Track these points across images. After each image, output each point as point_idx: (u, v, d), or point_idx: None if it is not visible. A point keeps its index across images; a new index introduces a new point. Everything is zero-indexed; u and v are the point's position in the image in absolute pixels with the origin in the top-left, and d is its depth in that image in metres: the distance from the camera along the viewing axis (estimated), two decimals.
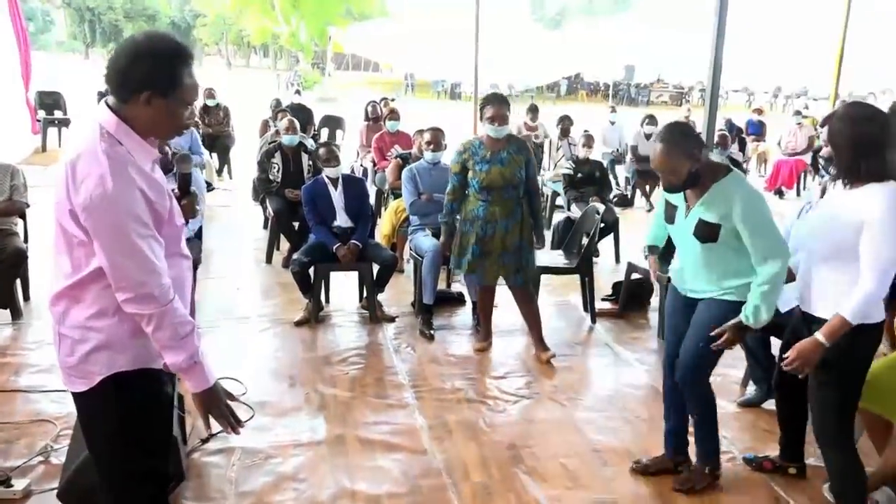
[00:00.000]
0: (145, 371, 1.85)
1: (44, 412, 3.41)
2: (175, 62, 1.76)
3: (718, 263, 2.69)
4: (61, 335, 1.83)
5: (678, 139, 2.61)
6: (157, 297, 1.73)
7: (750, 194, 2.58)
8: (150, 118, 1.77)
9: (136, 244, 1.71)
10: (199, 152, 7.47)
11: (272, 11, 35.76)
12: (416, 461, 3.13)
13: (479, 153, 4.08)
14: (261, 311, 4.98)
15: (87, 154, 1.70)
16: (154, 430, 1.94)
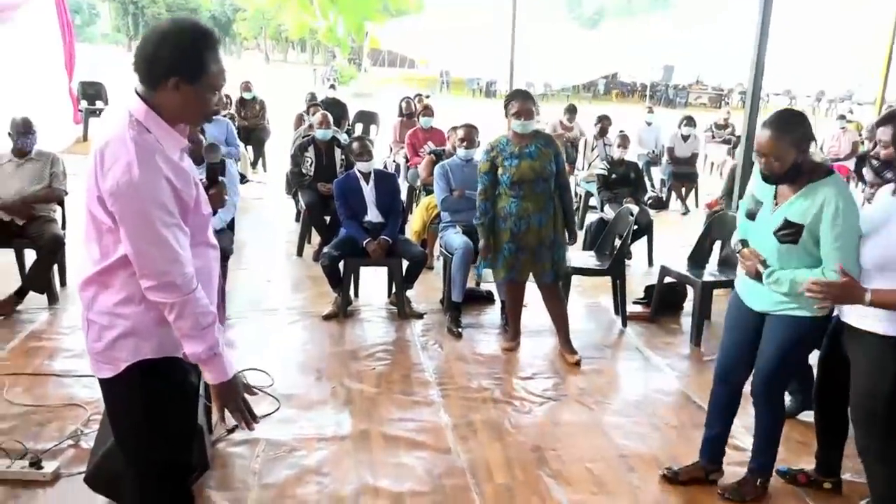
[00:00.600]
0: (170, 359, 1.85)
1: (75, 396, 3.47)
2: (201, 48, 1.75)
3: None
4: (89, 321, 1.84)
5: (791, 125, 2.47)
6: (179, 285, 1.73)
7: (846, 201, 2.41)
8: (179, 104, 1.77)
9: (161, 232, 1.71)
10: (235, 144, 7.54)
11: (310, 6, 36.07)
12: (440, 460, 3.11)
13: (507, 149, 4.04)
14: (290, 303, 5.00)
15: (115, 141, 1.71)
16: (178, 419, 1.94)
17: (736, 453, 3.24)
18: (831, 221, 2.40)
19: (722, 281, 4.61)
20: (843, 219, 2.39)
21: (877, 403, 2.43)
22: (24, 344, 4.08)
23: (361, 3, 35.36)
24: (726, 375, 2.89)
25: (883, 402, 2.41)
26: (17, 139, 4.61)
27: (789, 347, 2.62)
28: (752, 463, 2.89)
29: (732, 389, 2.89)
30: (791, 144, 2.44)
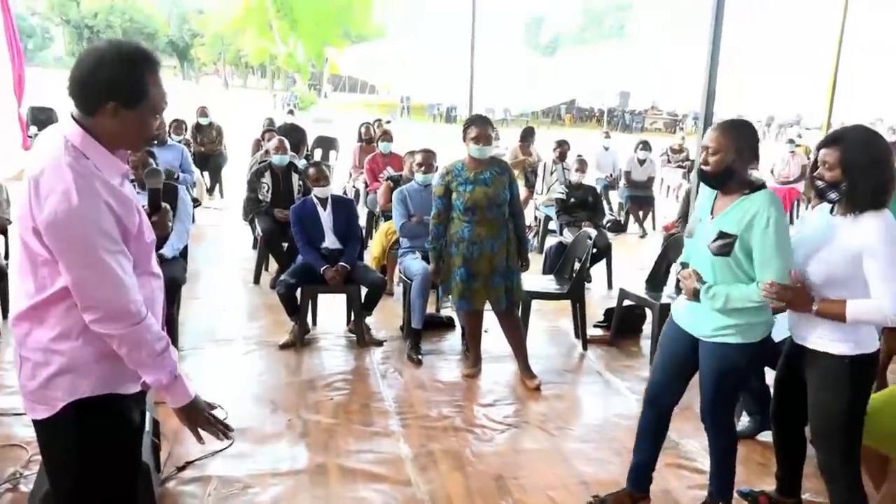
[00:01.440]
0: (111, 396, 1.76)
1: (15, 436, 3.30)
2: (141, 70, 1.69)
3: None
4: (23, 358, 1.74)
5: (738, 128, 2.52)
6: (127, 315, 1.66)
7: (778, 214, 2.44)
8: (118, 130, 1.70)
9: (104, 260, 1.63)
10: (190, 171, 7.40)
11: (270, 32, 36.06)
12: (400, 492, 3.03)
13: (462, 175, 4.04)
14: (246, 332, 4.88)
15: (50, 168, 1.63)
16: (119, 460, 1.85)
17: (697, 476, 3.25)
18: (762, 232, 2.41)
19: None
20: (774, 230, 2.40)
21: (834, 423, 2.46)
22: None
23: (322, 29, 35.51)
24: (655, 398, 2.86)
25: (840, 421, 2.44)
26: None
27: (724, 374, 2.61)
28: (711, 486, 2.88)
29: (660, 413, 2.86)
30: (731, 143, 2.47)
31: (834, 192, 2.38)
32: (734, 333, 2.54)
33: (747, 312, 2.51)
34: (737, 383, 2.71)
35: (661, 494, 3.08)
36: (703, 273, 2.58)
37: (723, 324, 2.54)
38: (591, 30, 53.05)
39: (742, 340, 2.54)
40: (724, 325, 2.54)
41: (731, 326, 2.53)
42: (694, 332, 2.67)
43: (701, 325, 2.62)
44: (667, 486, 3.16)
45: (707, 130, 2.58)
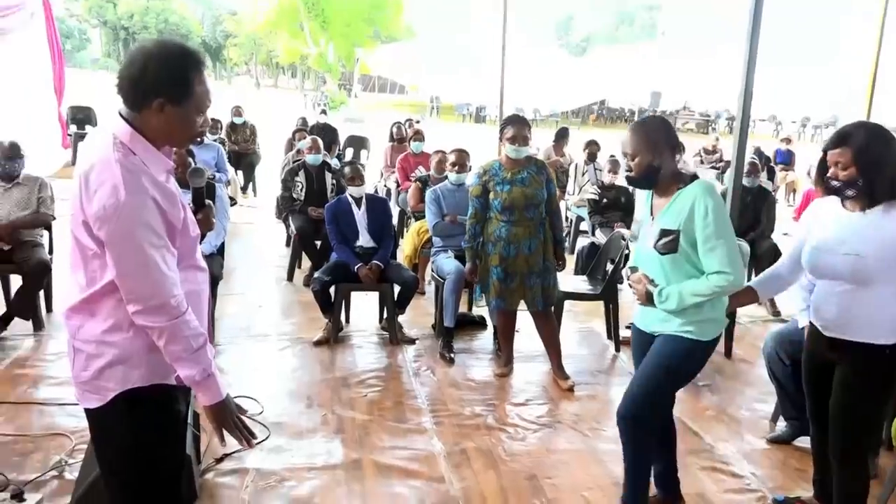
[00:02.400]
0: (160, 387, 1.80)
1: (59, 426, 3.39)
2: (187, 68, 1.73)
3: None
4: (76, 349, 1.79)
5: (650, 129, 2.51)
6: (168, 309, 1.69)
7: (715, 201, 2.40)
8: (163, 126, 1.74)
9: (149, 254, 1.67)
10: (225, 169, 7.51)
11: (301, 33, 36.37)
12: (434, 489, 3.05)
13: (500, 174, 4.05)
14: (280, 329, 4.94)
15: (100, 164, 1.68)
16: (167, 449, 1.89)
17: (732, 480, 3.21)
18: (702, 221, 2.38)
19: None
20: (714, 217, 2.37)
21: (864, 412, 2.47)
22: (7, 371, 4.00)
23: (352, 30, 35.72)
24: None
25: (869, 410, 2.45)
26: (4, 163, 4.56)
27: (668, 367, 2.53)
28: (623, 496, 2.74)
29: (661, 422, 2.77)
30: (647, 145, 2.45)
31: (851, 190, 2.38)
32: (690, 331, 2.49)
33: (703, 308, 2.47)
34: (676, 379, 2.62)
35: (696, 498, 3.05)
36: (653, 274, 2.53)
37: (678, 323, 2.50)
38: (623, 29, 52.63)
39: (697, 337, 2.50)
40: (679, 324, 2.50)
41: (687, 324, 2.49)
42: (649, 329, 2.63)
43: (658, 322, 2.57)
44: (702, 489, 3.13)
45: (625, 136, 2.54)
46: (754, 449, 3.51)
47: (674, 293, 2.45)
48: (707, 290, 2.40)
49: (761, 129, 27.79)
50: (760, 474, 3.26)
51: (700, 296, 2.42)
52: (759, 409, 3.95)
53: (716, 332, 2.55)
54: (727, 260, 2.38)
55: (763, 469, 3.31)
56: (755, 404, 4.03)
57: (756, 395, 4.15)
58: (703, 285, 2.41)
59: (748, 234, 5.63)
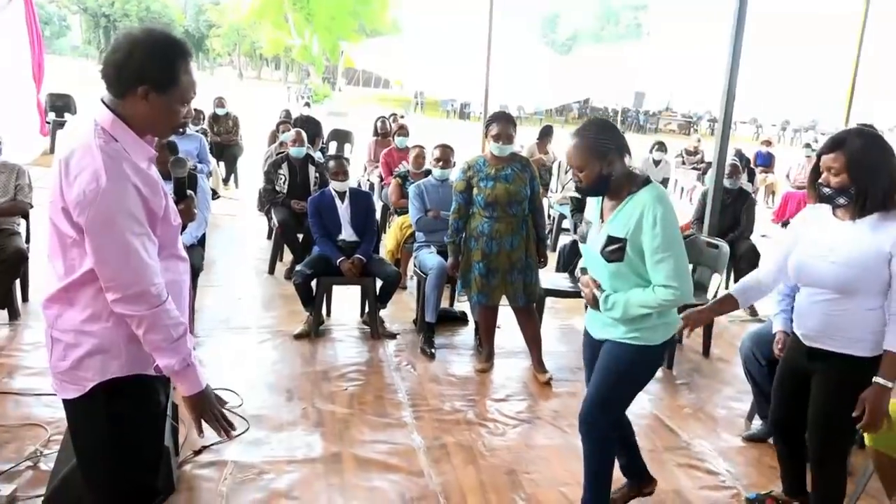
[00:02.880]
0: (139, 378, 1.79)
1: (35, 416, 3.35)
2: (173, 57, 1.72)
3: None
4: (54, 339, 1.78)
5: (594, 136, 2.38)
6: (148, 297, 1.68)
7: (664, 210, 2.31)
8: (147, 114, 1.73)
9: (129, 242, 1.66)
10: (207, 160, 7.45)
11: (286, 24, 36.11)
12: (413, 483, 3.05)
13: (484, 170, 4.06)
14: (261, 322, 4.92)
15: (80, 149, 1.66)
16: (145, 440, 1.88)
17: (709, 476, 3.26)
18: (651, 231, 2.30)
19: (694, 304, 4.64)
20: (662, 227, 2.29)
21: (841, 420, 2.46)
22: None
23: (337, 23, 35.52)
24: None
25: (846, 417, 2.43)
26: None
27: (617, 375, 2.49)
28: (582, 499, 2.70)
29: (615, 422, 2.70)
30: (593, 155, 2.35)
31: (843, 198, 2.34)
32: (636, 335, 2.44)
33: (651, 315, 2.41)
34: (629, 387, 2.55)
35: (672, 494, 3.10)
36: (600, 279, 2.47)
37: (626, 328, 2.45)
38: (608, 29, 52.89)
39: (644, 342, 2.44)
40: (627, 328, 2.45)
41: (635, 329, 2.44)
42: (598, 335, 2.59)
43: (608, 328, 2.52)
44: (678, 485, 3.17)
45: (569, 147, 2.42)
46: (730, 446, 3.56)
47: (620, 302, 2.38)
48: (653, 303, 2.34)
49: (742, 132, 28.08)
50: (735, 471, 3.31)
51: (646, 307, 2.36)
52: (736, 408, 4.00)
53: (666, 335, 2.48)
54: (674, 273, 2.30)
55: (738, 466, 3.36)
56: (731, 402, 4.08)
57: (733, 393, 4.20)
58: (649, 297, 2.34)
59: (728, 234, 5.70)
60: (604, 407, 2.54)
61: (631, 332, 2.45)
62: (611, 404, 2.56)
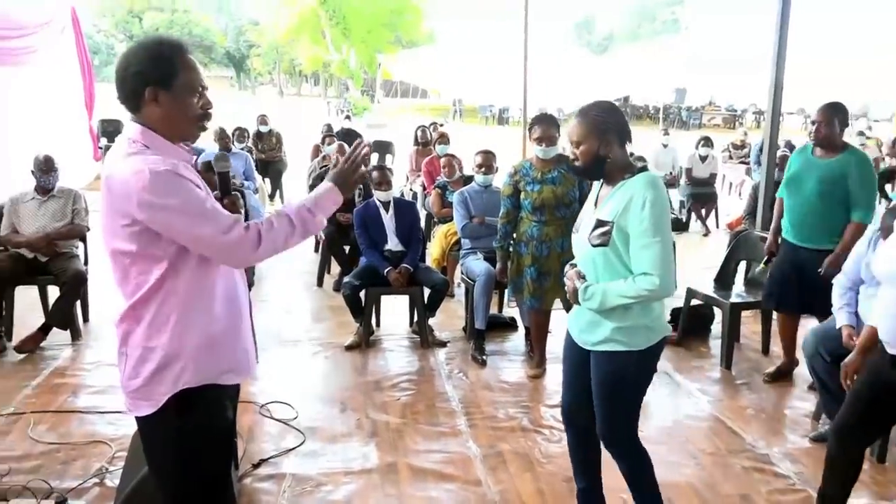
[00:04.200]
0: (211, 387, 1.82)
1: (99, 433, 3.44)
2: (167, 53, 1.76)
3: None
4: (126, 355, 1.80)
5: (596, 113, 2.31)
6: (245, 239, 1.72)
7: (656, 194, 2.19)
8: (164, 115, 1.76)
9: (196, 204, 1.69)
10: (253, 177, 7.59)
11: (323, 40, 36.65)
12: (470, 492, 3.03)
13: (530, 174, 4.03)
14: (311, 334, 4.96)
15: (119, 165, 1.71)
16: (218, 451, 1.91)
17: (777, 480, 3.15)
18: (639, 214, 2.18)
19: (750, 302, 4.53)
20: (651, 212, 2.16)
21: None
22: (48, 381, 4.07)
23: (373, 36, 35.90)
24: (570, 417, 2.63)
25: None
26: (39, 177, 4.65)
27: (611, 386, 2.37)
28: None
29: (578, 433, 2.62)
30: (593, 132, 2.28)
31: None
32: (618, 340, 2.30)
33: (629, 314, 2.27)
34: (629, 395, 2.41)
35: (740, 499, 3.00)
36: (585, 270, 2.37)
37: (605, 330, 2.32)
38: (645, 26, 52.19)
39: (627, 348, 2.30)
40: (606, 331, 2.32)
41: (614, 331, 2.30)
42: (580, 342, 2.45)
43: (585, 332, 2.41)
44: (744, 489, 3.07)
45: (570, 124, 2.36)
46: (797, 448, 3.44)
47: (598, 291, 2.27)
48: (632, 293, 2.20)
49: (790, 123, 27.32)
50: (805, 473, 3.19)
51: (624, 297, 2.22)
52: (801, 407, 3.87)
53: (648, 340, 2.32)
54: (658, 262, 2.17)
55: (807, 468, 3.23)
56: (796, 402, 3.95)
57: (797, 392, 4.07)
58: (628, 287, 2.21)
59: None
60: (614, 422, 2.44)
61: (612, 336, 2.30)
62: (620, 418, 2.44)
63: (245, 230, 1.73)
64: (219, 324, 1.83)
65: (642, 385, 2.43)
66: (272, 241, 1.77)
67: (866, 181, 3.73)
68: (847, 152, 3.77)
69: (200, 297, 1.79)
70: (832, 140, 3.78)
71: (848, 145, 3.83)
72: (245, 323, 1.95)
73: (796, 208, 3.90)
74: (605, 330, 2.32)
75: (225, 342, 1.85)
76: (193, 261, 1.76)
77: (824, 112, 3.78)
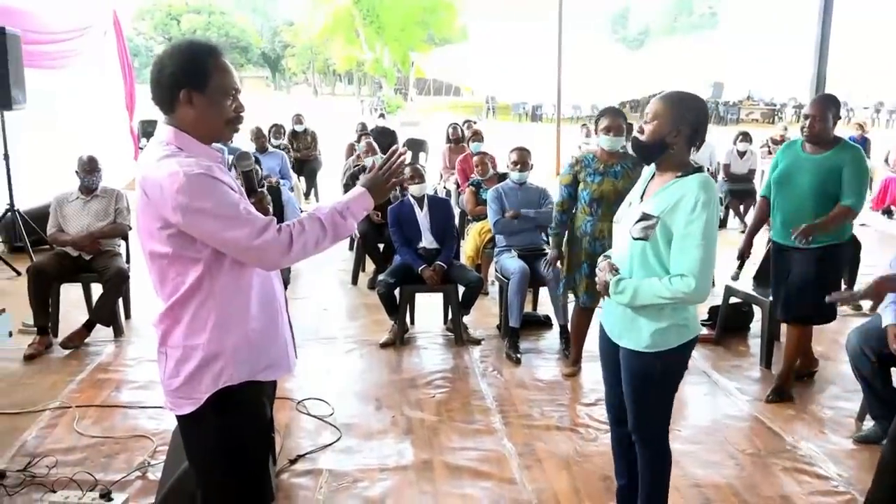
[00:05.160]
0: (251, 384, 1.84)
1: (142, 428, 3.52)
2: (200, 54, 1.77)
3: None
4: (166, 354, 1.83)
5: (683, 102, 2.24)
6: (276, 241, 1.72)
7: (708, 197, 2.13)
8: (198, 117, 1.77)
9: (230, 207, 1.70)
10: (289, 176, 7.68)
11: (357, 39, 36.91)
12: (506, 490, 3.02)
13: (592, 165, 3.99)
14: (347, 332, 5.01)
15: (153, 168, 1.72)
16: (258, 447, 1.93)
17: (817, 481, 3.08)
18: (688, 215, 2.12)
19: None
20: (700, 214, 2.10)
21: None
22: (92, 376, 4.18)
23: (406, 34, 36.05)
24: (616, 414, 2.56)
25: None
26: (83, 177, 4.77)
27: (639, 384, 2.34)
28: None
29: (623, 428, 2.53)
30: (671, 115, 2.20)
31: None
32: (645, 339, 2.27)
33: (662, 315, 2.23)
34: (658, 394, 2.37)
35: (780, 500, 2.94)
36: (620, 264, 2.31)
37: (636, 328, 2.28)
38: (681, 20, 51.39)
39: (655, 347, 2.26)
40: (637, 330, 2.28)
41: (646, 330, 2.26)
42: (610, 334, 2.43)
43: (615, 328, 2.38)
44: (785, 491, 3.01)
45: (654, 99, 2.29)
46: (840, 449, 3.36)
47: (630, 287, 2.22)
48: (667, 294, 2.15)
49: None
50: (848, 476, 3.12)
51: (658, 297, 2.17)
52: (844, 408, 3.77)
53: (680, 338, 2.28)
54: (699, 266, 2.10)
55: (850, 470, 3.16)
56: (839, 402, 3.85)
57: (839, 392, 3.97)
58: (663, 286, 2.15)
59: None
60: (643, 420, 2.40)
61: (644, 338, 2.27)
62: (649, 415, 2.40)
63: (277, 233, 1.74)
64: (257, 322, 1.85)
65: (672, 384, 2.40)
66: (303, 245, 1.78)
67: (860, 173, 3.58)
68: (839, 147, 3.61)
69: (237, 297, 1.81)
70: (826, 135, 3.61)
71: (840, 139, 3.66)
72: (283, 320, 1.96)
73: (788, 207, 3.70)
74: (637, 328, 2.29)
75: (263, 340, 1.87)
76: (228, 262, 1.77)
77: (818, 106, 3.62)
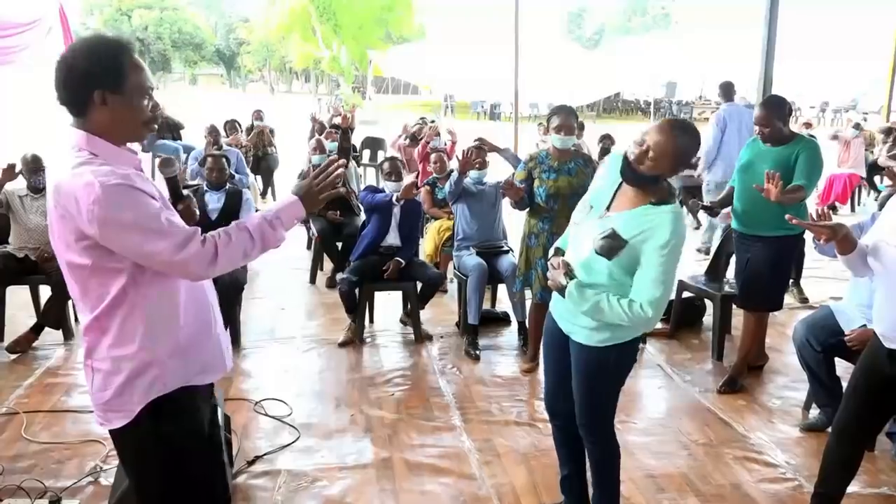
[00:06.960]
0: (183, 390, 1.77)
1: (93, 432, 3.42)
2: (115, 53, 1.66)
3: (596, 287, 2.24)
4: (94, 369, 1.74)
5: (687, 139, 2.21)
6: (201, 254, 1.65)
7: (680, 237, 2.17)
8: (113, 119, 1.67)
9: (157, 221, 1.61)
10: (245, 173, 7.57)
11: (314, 37, 36.53)
12: (465, 486, 3.04)
13: (546, 162, 4.03)
14: (305, 331, 4.97)
15: (66, 178, 1.61)
16: (199, 454, 1.86)
17: (767, 469, 3.18)
18: (657, 250, 2.14)
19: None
20: (671, 256, 2.15)
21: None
22: (41, 381, 4.06)
23: (364, 32, 35.80)
24: (553, 407, 2.63)
25: None
26: (28, 177, 4.63)
27: (591, 376, 2.38)
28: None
29: (564, 422, 2.59)
30: (674, 153, 2.19)
31: None
32: (600, 331, 2.30)
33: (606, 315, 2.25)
34: (608, 385, 2.42)
35: (731, 488, 3.03)
36: (575, 264, 2.31)
37: (586, 320, 2.31)
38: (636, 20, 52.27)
39: (609, 341, 2.30)
40: (587, 321, 2.30)
41: (597, 329, 2.30)
42: (562, 327, 2.44)
43: (568, 318, 2.40)
44: (736, 479, 3.10)
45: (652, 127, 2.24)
46: (788, 437, 3.47)
47: (591, 299, 2.21)
48: (625, 318, 2.17)
49: None
50: (795, 463, 3.23)
51: (617, 317, 2.19)
52: (791, 397, 3.90)
53: (631, 333, 2.32)
54: (659, 302, 2.16)
55: (798, 458, 3.28)
56: (786, 392, 3.98)
57: (787, 382, 4.10)
58: (622, 311, 2.17)
59: None
60: (592, 411, 2.44)
61: (596, 334, 2.31)
62: (598, 407, 2.45)
63: (201, 244, 1.66)
64: (188, 329, 1.78)
65: (625, 375, 2.45)
66: (229, 257, 1.70)
67: (814, 160, 3.71)
68: (796, 141, 3.76)
69: (165, 304, 1.73)
70: (778, 135, 3.76)
71: (796, 135, 3.81)
72: (215, 322, 1.89)
73: (747, 193, 3.81)
74: (587, 320, 2.31)
75: (195, 346, 1.80)
76: (152, 269, 1.68)
77: (761, 115, 3.75)
